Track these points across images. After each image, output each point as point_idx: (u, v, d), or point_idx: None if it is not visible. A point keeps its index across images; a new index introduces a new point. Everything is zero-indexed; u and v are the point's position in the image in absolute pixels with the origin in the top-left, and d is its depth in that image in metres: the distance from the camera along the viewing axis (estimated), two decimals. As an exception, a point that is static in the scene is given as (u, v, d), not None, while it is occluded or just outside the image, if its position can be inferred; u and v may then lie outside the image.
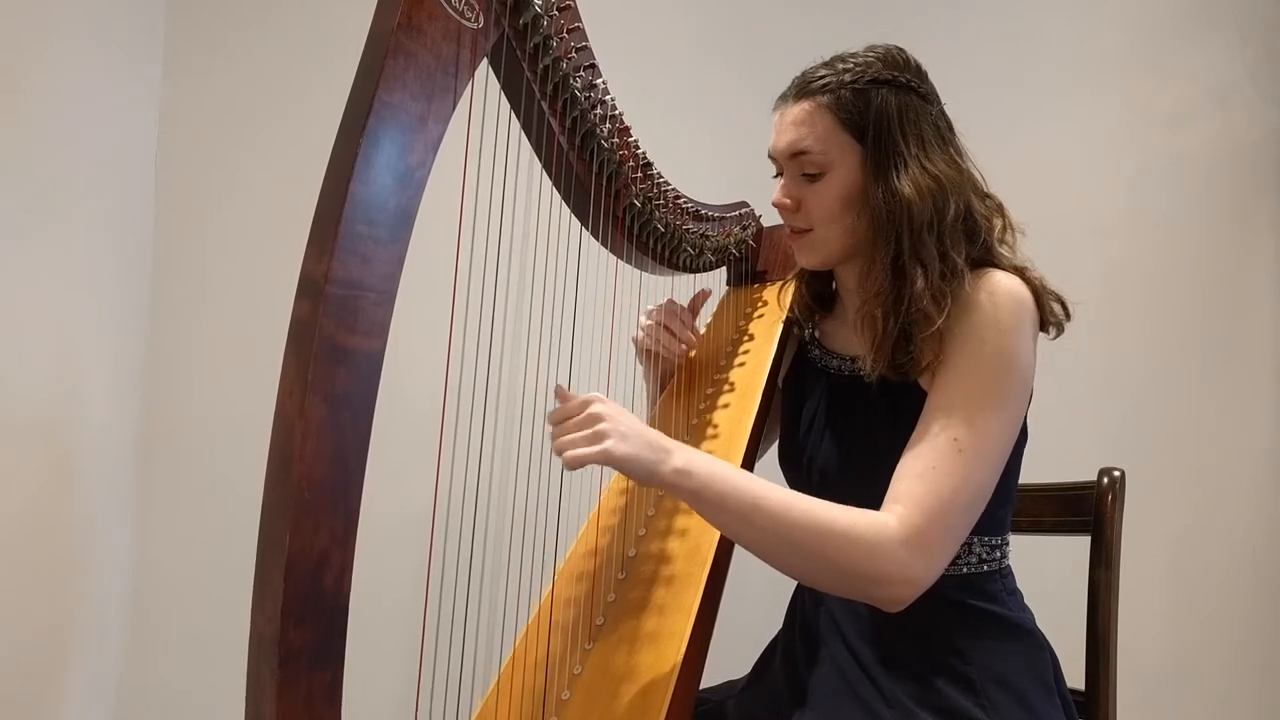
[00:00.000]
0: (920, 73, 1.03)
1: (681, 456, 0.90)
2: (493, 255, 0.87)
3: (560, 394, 0.92)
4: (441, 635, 0.86)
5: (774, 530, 0.89)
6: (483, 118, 0.81)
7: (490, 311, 0.88)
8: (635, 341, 1.27)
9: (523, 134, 0.90)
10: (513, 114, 0.89)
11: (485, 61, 0.81)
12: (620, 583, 1.03)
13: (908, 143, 0.99)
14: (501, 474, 0.95)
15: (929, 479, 0.90)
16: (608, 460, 0.86)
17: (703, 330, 1.33)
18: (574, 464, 0.86)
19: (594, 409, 0.88)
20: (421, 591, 0.84)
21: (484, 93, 0.80)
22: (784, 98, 1.06)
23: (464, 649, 0.89)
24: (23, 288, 1.62)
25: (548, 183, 0.97)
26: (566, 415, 0.89)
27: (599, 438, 0.86)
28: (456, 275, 0.81)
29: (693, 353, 1.30)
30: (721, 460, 0.94)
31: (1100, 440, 1.79)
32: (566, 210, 1.02)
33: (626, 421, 0.89)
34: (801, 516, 0.89)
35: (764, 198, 1.15)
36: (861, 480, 1.02)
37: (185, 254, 1.93)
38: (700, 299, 1.29)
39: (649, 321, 1.24)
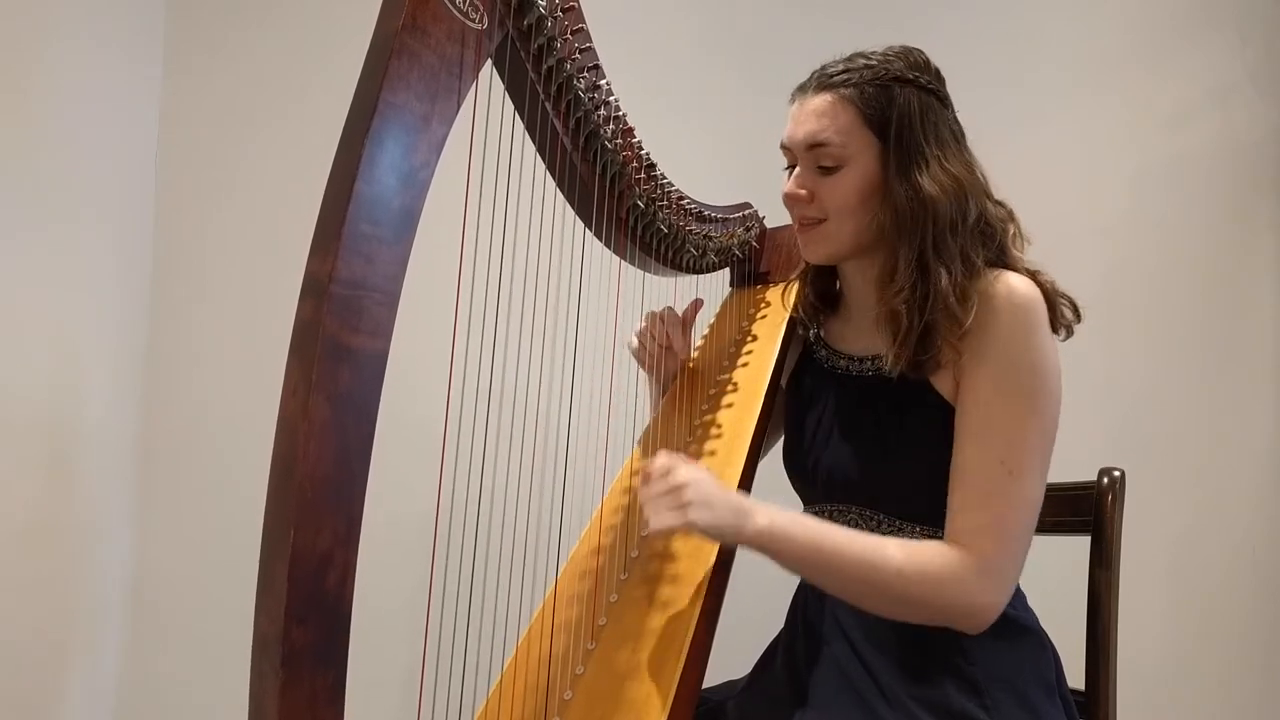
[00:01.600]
0: (940, 76, 1.04)
1: (764, 517, 0.93)
2: (496, 256, 0.87)
3: (648, 467, 0.95)
4: (444, 635, 0.86)
5: (853, 577, 0.93)
6: (486, 119, 0.82)
7: (494, 312, 0.88)
8: (630, 349, 1.27)
9: (526, 135, 0.90)
10: (516, 115, 0.89)
11: (489, 62, 0.81)
12: (623, 582, 1.03)
13: (929, 143, 0.99)
14: (505, 474, 0.95)
15: (987, 508, 0.92)
16: (691, 528, 0.90)
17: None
18: (659, 532, 0.92)
19: (678, 477, 0.91)
20: (424, 591, 0.84)
21: (488, 94, 0.80)
22: (803, 89, 1.05)
23: (467, 649, 0.89)
24: (23, 288, 1.62)
25: (551, 184, 0.97)
26: (654, 482, 0.92)
27: (683, 506, 0.90)
28: (460, 275, 0.81)
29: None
30: (795, 514, 0.97)
31: (1100, 440, 1.79)
32: (570, 211, 1.02)
33: (708, 489, 0.92)
34: (878, 560, 0.92)
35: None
36: (870, 481, 1.02)
37: (185, 254, 1.93)
38: (694, 308, 1.28)
39: (641, 326, 1.25)
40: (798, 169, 1.05)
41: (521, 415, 0.96)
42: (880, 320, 1.01)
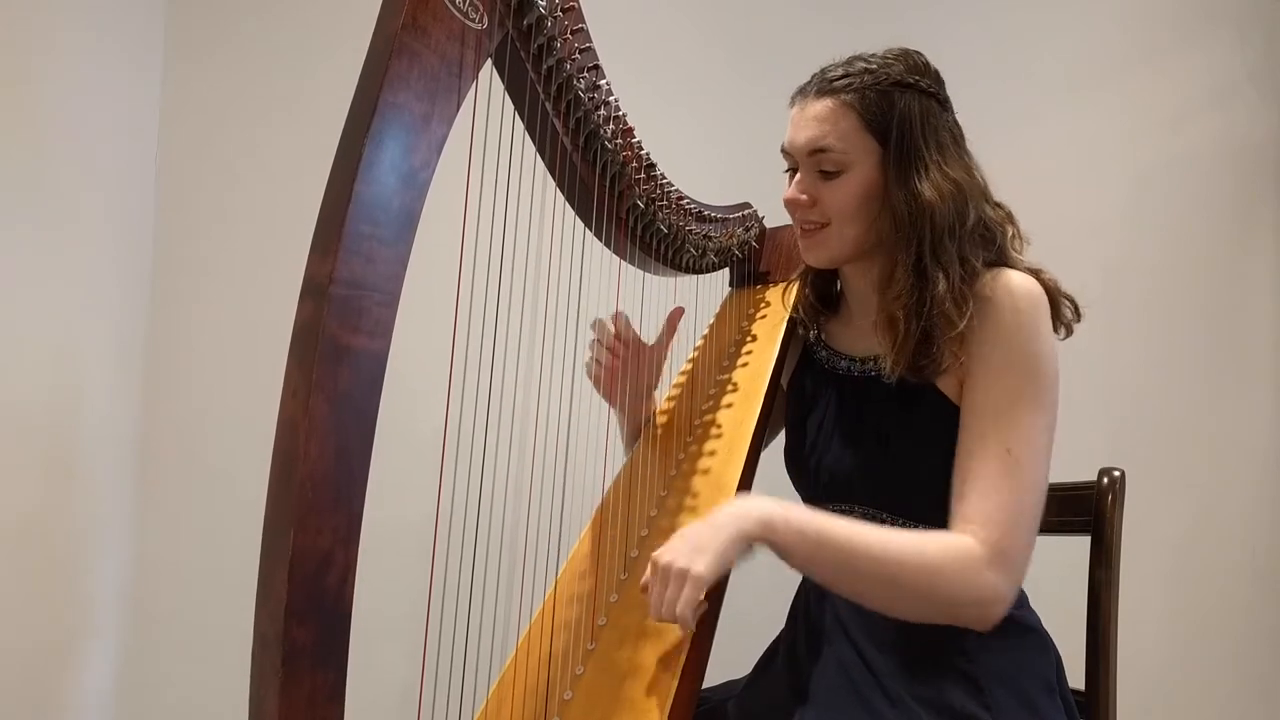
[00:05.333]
0: (939, 79, 1.04)
1: (760, 508, 0.90)
2: (496, 256, 0.87)
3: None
4: (444, 635, 0.86)
5: (872, 573, 0.90)
6: (486, 119, 0.82)
7: (494, 312, 0.88)
8: (592, 379, 1.20)
9: (526, 135, 0.90)
10: (516, 115, 0.89)
11: (489, 62, 0.81)
12: (622, 582, 1.03)
13: (929, 147, 0.99)
14: (505, 473, 0.95)
15: (994, 493, 0.91)
16: (703, 584, 0.86)
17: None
18: (681, 620, 0.86)
19: (661, 560, 0.88)
20: (424, 591, 0.84)
21: (488, 94, 0.80)
22: (803, 93, 1.05)
23: (467, 649, 0.89)
24: (23, 288, 1.62)
25: (551, 184, 0.97)
26: (652, 586, 0.89)
27: (681, 577, 0.86)
28: (460, 276, 0.81)
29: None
30: (801, 508, 0.94)
31: (1100, 440, 1.79)
32: (570, 211, 1.02)
33: (692, 537, 0.88)
34: (896, 555, 0.89)
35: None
36: (871, 483, 1.02)
37: (185, 253, 1.93)
38: (676, 316, 1.23)
39: (594, 350, 1.18)
40: (799, 174, 1.06)
41: (522, 415, 0.96)
42: (879, 325, 1.01)
